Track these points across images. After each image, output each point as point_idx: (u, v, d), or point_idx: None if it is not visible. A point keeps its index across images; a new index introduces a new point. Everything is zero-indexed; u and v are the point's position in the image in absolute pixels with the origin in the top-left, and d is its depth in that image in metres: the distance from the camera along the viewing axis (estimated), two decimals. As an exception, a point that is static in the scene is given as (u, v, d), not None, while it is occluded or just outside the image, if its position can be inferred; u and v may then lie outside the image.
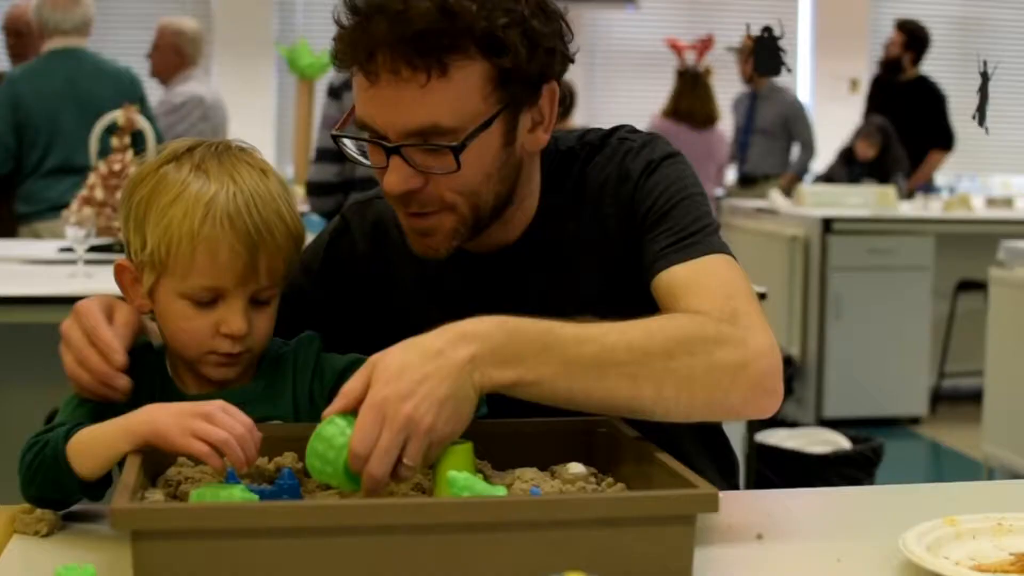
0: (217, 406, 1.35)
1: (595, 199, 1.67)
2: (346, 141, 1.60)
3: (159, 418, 1.35)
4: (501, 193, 1.60)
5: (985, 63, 1.80)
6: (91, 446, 1.37)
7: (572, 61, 1.61)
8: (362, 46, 1.49)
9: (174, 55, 6.01)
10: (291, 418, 1.56)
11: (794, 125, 7.69)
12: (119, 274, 1.57)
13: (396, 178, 1.54)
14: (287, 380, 1.58)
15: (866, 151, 7.82)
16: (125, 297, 1.57)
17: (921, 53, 7.69)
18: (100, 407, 1.48)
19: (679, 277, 1.55)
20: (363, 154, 1.61)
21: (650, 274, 1.58)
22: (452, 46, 1.48)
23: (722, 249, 1.59)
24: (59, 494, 1.40)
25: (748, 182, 7.56)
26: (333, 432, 1.30)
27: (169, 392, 1.54)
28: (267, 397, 1.56)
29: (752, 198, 7.28)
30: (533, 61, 1.54)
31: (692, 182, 1.65)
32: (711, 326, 1.45)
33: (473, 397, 1.34)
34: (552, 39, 1.56)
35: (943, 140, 7.75)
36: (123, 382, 1.47)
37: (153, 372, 1.56)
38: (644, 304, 1.55)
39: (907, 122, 7.61)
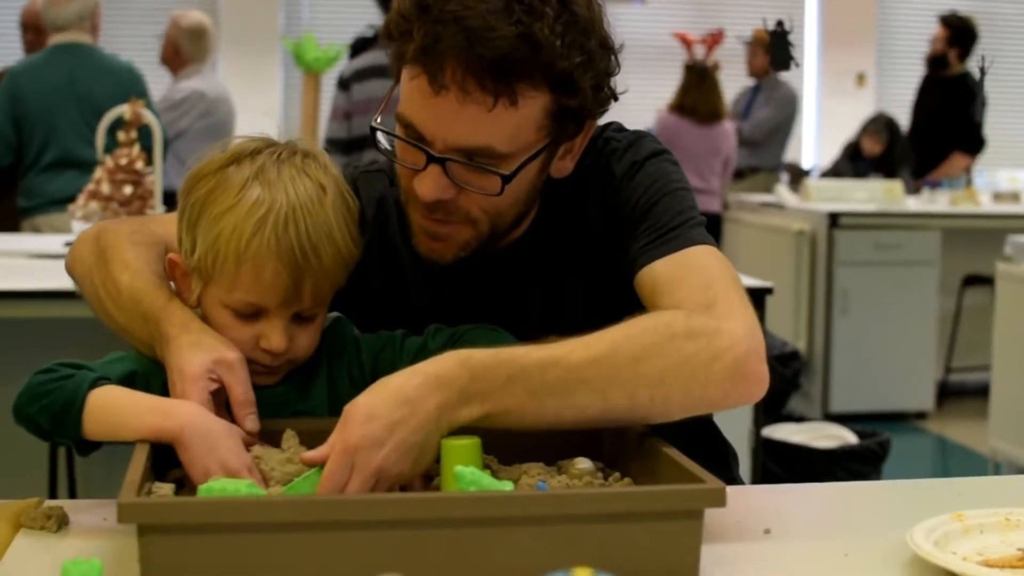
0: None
1: (581, 201, 1.66)
2: (381, 135, 1.58)
3: (190, 440, 1.36)
4: (521, 215, 1.61)
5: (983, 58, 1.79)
6: (111, 413, 1.38)
7: (616, 99, 1.60)
8: (433, 53, 1.46)
9: (173, 51, 6.03)
10: (324, 410, 1.56)
11: (784, 121, 7.67)
12: (171, 267, 1.57)
13: (432, 186, 1.52)
14: (321, 370, 1.58)
15: (872, 147, 7.81)
16: (176, 288, 1.57)
17: (968, 47, 7.48)
18: (138, 375, 1.49)
19: (659, 272, 1.54)
20: (390, 153, 1.59)
21: (632, 272, 1.58)
22: (527, 77, 1.47)
23: (703, 240, 1.57)
24: (50, 428, 1.41)
25: (737, 175, 7.52)
26: (307, 489, 1.32)
27: None
28: (300, 393, 1.57)
29: (743, 192, 7.27)
30: (595, 103, 1.55)
31: (675, 178, 1.64)
32: (680, 322, 1.43)
33: (438, 440, 1.35)
34: (610, 78, 1.56)
35: (970, 143, 7.63)
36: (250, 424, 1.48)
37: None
38: (633, 305, 1.54)
39: (941, 118, 7.52)
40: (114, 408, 1.39)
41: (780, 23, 2.02)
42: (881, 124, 7.89)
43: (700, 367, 1.42)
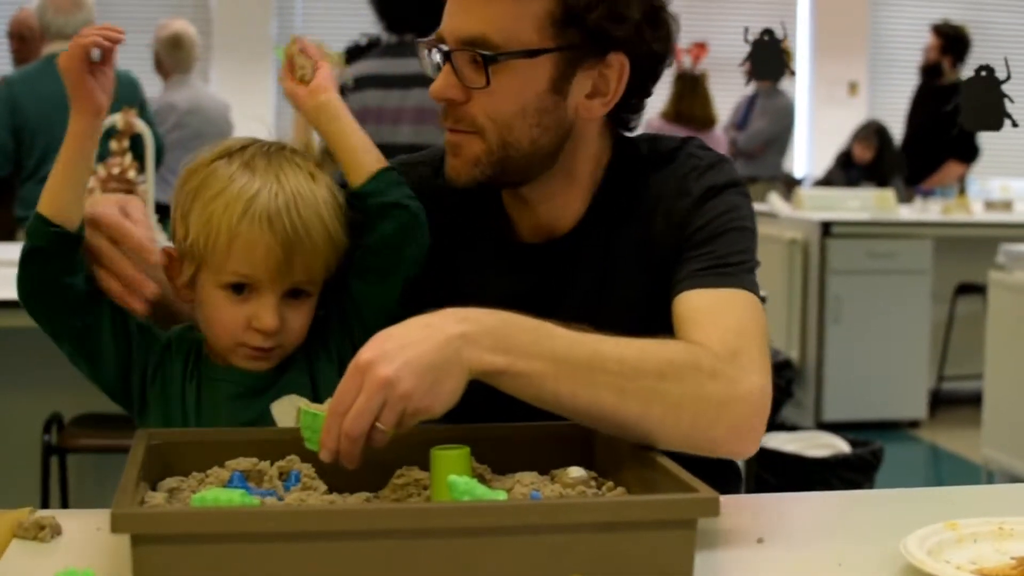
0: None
1: (651, 208, 1.66)
2: (421, 53, 1.64)
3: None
4: (538, 141, 1.60)
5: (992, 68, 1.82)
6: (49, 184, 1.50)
7: (662, 55, 1.61)
8: None
9: (157, 61, 6.08)
10: (308, 391, 1.58)
11: (780, 133, 7.69)
12: (167, 261, 1.60)
13: (440, 83, 1.59)
14: (301, 353, 1.61)
15: (863, 153, 7.82)
16: (170, 284, 1.61)
17: (961, 55, 7.51)
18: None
19: (698, 302, 1.55)
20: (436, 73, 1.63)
21: (675, 290, 1.58)
22: None
23: (751, 288, 1.58)
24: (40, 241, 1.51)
25: None
26: (316, 424, 1.33)
27: (202, 362, 1.60)
28: (288, 377, 1.60)
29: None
30: (600, 16, 1.54)
31: (746, 214, 1.65)
32: (706, 359, 1.45)
33: (459, 375, 1.32)
34: (632, 10, 1.56)
35: (964, 151, 7.64)
36: (151, 288, 1.52)
37: (191, 344, 1.61)
38: (666, 320, 1.56)
39: (935, 127, 7.54)
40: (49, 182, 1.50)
41: (769, 32, 2.01)
42: (871, 131, 7.91)
43: (714, 407, 1.44)
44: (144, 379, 1.60)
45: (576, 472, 1.43)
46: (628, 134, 1.72)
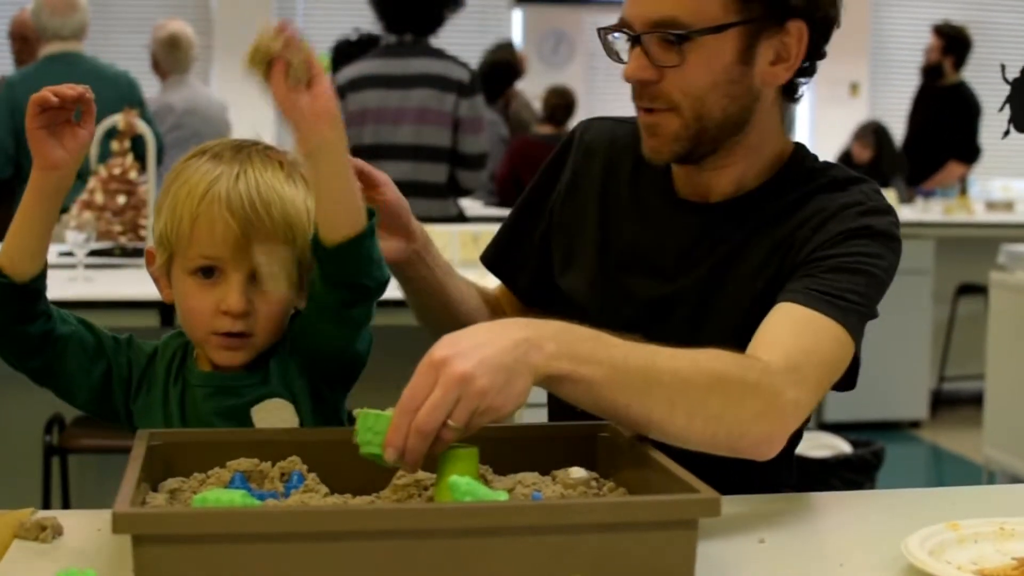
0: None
1: (807, 217, 1.69)
2: (604, 39, 1.70)
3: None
4: (729, 110, 1.67)
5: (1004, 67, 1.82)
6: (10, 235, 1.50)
7: (833, 17, 1.73)
8: None
9: (155, 62, 6.08)
10: (287, 395, 1.59)
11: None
12: (148, 261, 1.63)
13: (633, 66, 1.66)
14: (280, 361, 1.61)
15: (861, 153, 7.82)
16: (156, 285, 1.63)
17: (963, 56, 7.51)
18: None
19: (791, 314, 1.57)
20: (618, 58, 1.71)
21: (781, 296, 1.61)
22: None
23: (850, 328, 1.59)
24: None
25: None
26: (381, 426, 1.31)
27: (186, 367, 1.61)
28: (271, 384, 1.59)
29: None
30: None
31: (885, 267, 1.67)
32: (753, 373, 1.47)
33: (527, 376, 1.33)
34: None
35: (965, 152, 7.63)
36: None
37: (178, 348, 1.63)
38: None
39: (937, 128, 7.53)
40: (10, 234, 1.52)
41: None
42: (869, 131, 7.91)
43: (748, 420, 1.46)
44: (128, 391, 1.61)
45: (577, 472, 1.43)
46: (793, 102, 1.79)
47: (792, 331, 1.55)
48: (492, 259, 1.96)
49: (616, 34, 1.69)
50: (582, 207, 1.85)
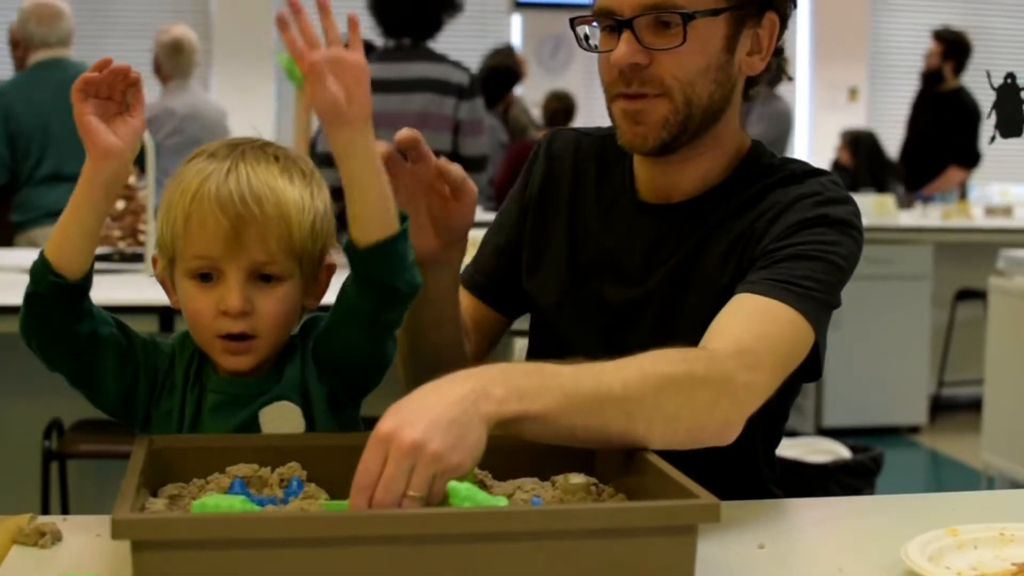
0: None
1: (764, 211, 1.70)
2: (577, 29, 1.72)
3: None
4: (714, 97, 1.70)
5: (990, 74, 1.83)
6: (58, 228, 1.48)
7: (788, 16, 1.74)
8: None
9: (157, 67, 6.08)
10: (298, 400, 1.57)
11: (778, 138, 7.70)
12: (154, 266, 1.63)
13: (624, 50, 1.65)
14: (295, 367, 1.59)
15: (845, 157, 7.87)
16: (164, 290, 1.62)
17: (963, 61, 7.51)
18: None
19: (746, 304, 1.58)
20: (590, 46, 1.72)
21: (738, 287, 1.61)
22: None
23: (807, 314, 1.59)
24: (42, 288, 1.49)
25: None
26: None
27: (204, 371, 1.59)
28: (282, 387, 1.58)
29: None
30: None
31: (845, 254, 1.67)
32: (700, 365, 1.47)
33: (479, 427, 1.29)
34: None
35: (965, 157, 7.63)
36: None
37: (193, 351, 1.60)
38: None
39: (937, 133, 7.53)
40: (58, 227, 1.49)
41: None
42: (848, 139, 7.97)
43: (703, 412, 1.46)
44: (152, 395, 1.58)
45: (577, 478, 1.43)
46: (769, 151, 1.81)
47: (744, 319, 1.56)
48: (470, 281, 1.94)
49: (595, 23, 1.70)
50: (551, 217, 1.87)
